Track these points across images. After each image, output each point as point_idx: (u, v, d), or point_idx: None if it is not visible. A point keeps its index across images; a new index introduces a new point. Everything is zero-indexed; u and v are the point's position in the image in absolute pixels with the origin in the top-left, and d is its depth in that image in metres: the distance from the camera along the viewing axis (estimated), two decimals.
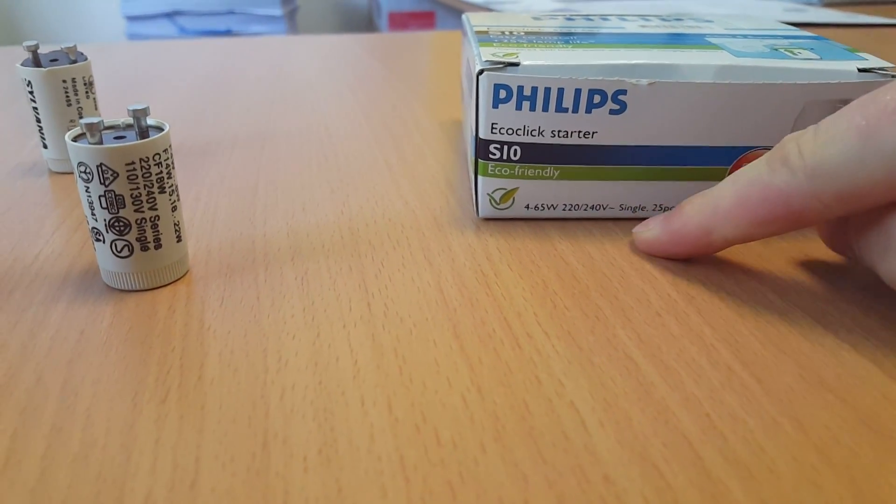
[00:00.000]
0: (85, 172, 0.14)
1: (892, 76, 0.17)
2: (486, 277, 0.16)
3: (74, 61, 0.21)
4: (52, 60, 0.21)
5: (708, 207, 0.16)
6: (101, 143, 0.14)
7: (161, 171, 0.15)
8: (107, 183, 0.14)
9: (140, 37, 1.24)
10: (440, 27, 1.31)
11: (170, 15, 1.24)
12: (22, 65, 0.21)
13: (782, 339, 0.14)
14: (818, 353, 0.13)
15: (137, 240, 0.15)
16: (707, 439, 0.11)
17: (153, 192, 0.14)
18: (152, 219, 0.15)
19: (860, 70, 0.17)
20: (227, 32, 1.24)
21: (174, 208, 0.15)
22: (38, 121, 0.22)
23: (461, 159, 0.24)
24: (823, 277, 0.16)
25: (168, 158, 0.15)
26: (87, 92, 0.22)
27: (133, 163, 0.14)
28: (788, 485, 0.10)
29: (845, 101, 0.17)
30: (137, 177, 0.14)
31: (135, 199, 0.14)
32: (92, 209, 0.14)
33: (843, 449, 0.11)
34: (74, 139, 0.14)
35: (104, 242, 0.15)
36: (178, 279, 0.16)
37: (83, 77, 0.22)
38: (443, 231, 0.19)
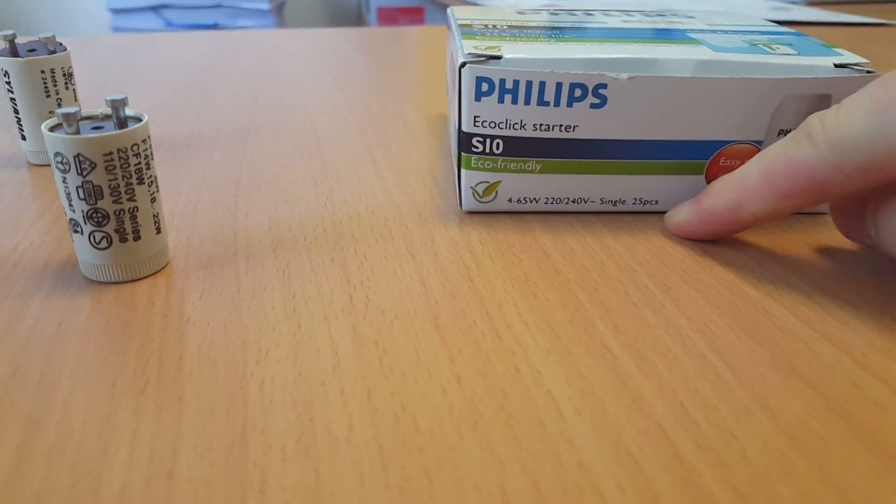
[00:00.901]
0: (62, 163, 0.14)
1: (867, 71, 0.18)
2: (468, 270, 0.16)
3: (53, 52, 0.21)
4: (30, 51, 0.21)
5: (735, 184, 0.16)
6: (78, 133, 0.14)
7: (140, 162, 0.14)
8: (84, 174, 0.14)
9: (125, 30, 1.22)
10: (430, 23, 1.31)
11: (155, 8, 1.23)
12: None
13: (756, 330, 0.14)
14: (791, 343, 0.14)
15: (116, 231, 0.15)
16: (680, 426, 0.11)
17: (132, 184, 0.14)
18: (131, 210, 0.15)
19: (836, 65, 0.18)
20: (214, 26, 1.23)
21: (153, 200, 0.15)
22: (16, 112, 0.22)
23: (446, 153, 0.24)
24: (798, 271, 0.16)
25: (147, 149, 0.15)
26: (66, 83, 0.22)
27: (111, 153, 0.14)
28: (759, 470, 0.10)
29: (822, 96, 0.17)
30: (116, 167, 0.14)
31: (113, 190, 0.14)
32: (70, 200, 0.14)
33: (813, 435, 0.11)
34: (51, 129, 0.14)
35: (82, 234, 0.15)
36: (158, 271, 0.16)
37: (62, 68, 0.21)
38: (426, 224, 0.19)
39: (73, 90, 0.22)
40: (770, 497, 0.10)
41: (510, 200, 0.19)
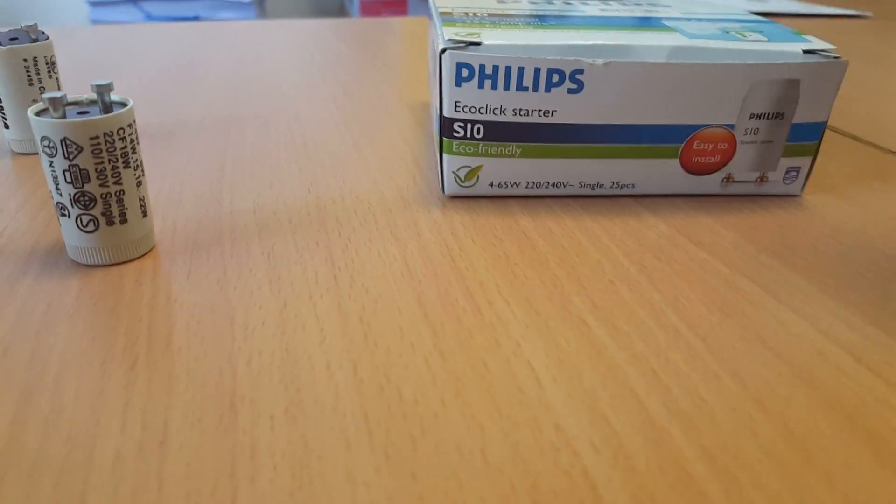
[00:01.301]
0: (49, 147, 0.14)
1: (835, 57, 0.18)
2: (451, 251, 0.17)
3: (35, 40, 0.21)
4: (11, 39, 0.21)
5: None
6: (64, 118, 0.14)
7: (125, 146, 0.15)
8: (71, 157, 0.14)
9: (104, 23, 1.21)
10: (413, 13, 1.31)
11: (135, 0, 1.21)
12: None
13: (727, 303, 0.15)
14: (760, 315, 0.14)
15: (103, 214, 0.15)
16: (652, 392, 0.12)
17: (118, 167, 0.15)
18: (117, 193, 0.15)
19: (805, 52, 0.18)
20: (195, 18, 1.22)
21: (139, 183, 0.15)
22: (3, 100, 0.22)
23: (429, 140, 0.24)
24: (769, 250, 0.17)
25: (132, 134, 0.15)
26: (49, 72, 0.22)
27: (97, 137, 0.14)
28: (727, 431, 0.11)
29: (791, 81, 0.18)
30: (102, 151, 0.14)
31: (100, 173, 0.14)
32: (56, 184, 0.14)
33: (778, 399, 0.12)
34: (37, 114, 0.14)
35: (69, 217, 0.15)
36: (145, 254, 0.16)
37: (45, 56, 0.21)
38: (409, 208, 0.19)
39: (56, 79, 0.22)
40: (737, 455, 0.11)
41: (491, 185, 0.19)
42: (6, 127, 0.22)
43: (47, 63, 0.21)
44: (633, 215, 0.19)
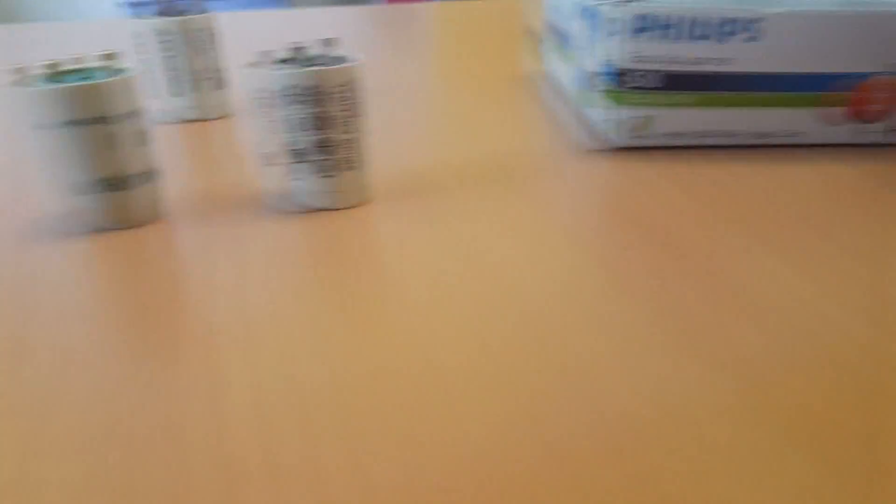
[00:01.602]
0: (294, 95, 0.15)
1: None
2: (625, 200, 0.17)
3: (201, 12, 0.22)
4: (179, 13, 0.22)
5: None
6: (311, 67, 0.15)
7: (358, 97, 0.15)
8: (319, 104, 0.15)
9: None
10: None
11: None
12: (150, 16, 0.22)
13: None
14: None
15: (343, 159, 0.16)
16: None
17: (355, 115, 0.15)
18: (354, 140, 0.16)
19: None
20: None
21: (365, 132, 0.16)
22: (171, 71, 0.22)
23: (540, 106, 0.25)
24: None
25: (361, 86, 0.15)
26: (214, 41, 0.22)
27: (344, 85, 0.15)
28: None
29: None
30: (345, 99, 0.15)
31: (342, 120, 0.15)
32: (296, 132, 0.15)
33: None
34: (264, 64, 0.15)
35: (308, 163, 0.16)
36: (365, 202, 0.17)
37: (210, 27, 0.22)
38: (565, 163, 0.20)
39: (218, 47, 0.23)
40: None
41: (664, 135, 0.20)
42: (174, 96, 0.23)
43: (212, 33, 0.22)
44: (805, 162, 0.19)
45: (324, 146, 0.15)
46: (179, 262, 0.14)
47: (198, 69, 0.22)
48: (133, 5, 1.16)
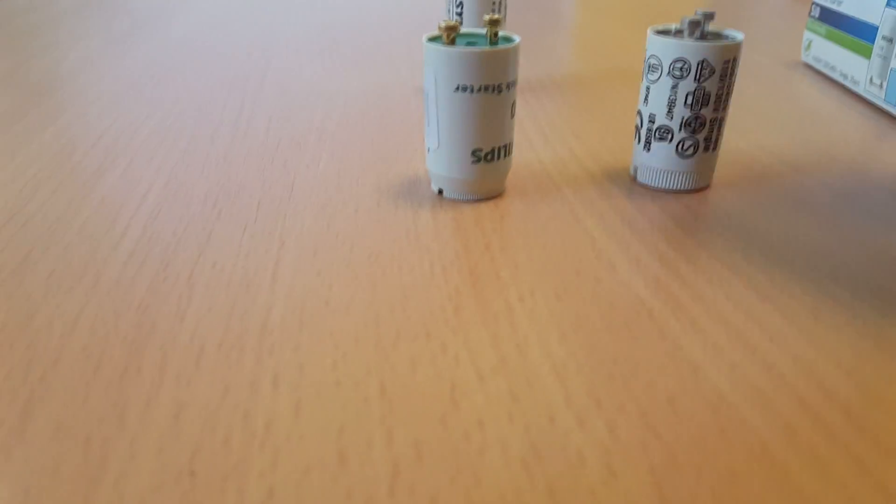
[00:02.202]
0: (680, 69, 0.15)
1: None
2: None
3: None
4: None
5: None
6: (702, 40, 0.14)
7: (735, 75, 0.15)
8: (701, 80, 0.14)
9: None
10: None
11: None
12: None
13: None
14: None
15: (705, 140, 0.15)
16: None
17: (729, 94, 0.15)
18: (720, 120, 0.15)
19: None
20: None
21: (727, 114, 0.15)
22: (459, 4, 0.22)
23: (822, 95, 0.23)
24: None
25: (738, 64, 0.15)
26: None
27: (728, 62, 0.14)
28: None
29: None
30: (726, 76, 0.15)
31: (717, 98, 0.15)
32: (671, 107, 0.15)
33: None
34: (658, 33, 0.15)
35: (669, 142, 0.15)
36: (709, 185, 0.16)
37: None
38: None
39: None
40: None
41: None
42: None
43: None
44: None
45: (693, 124, 0.15)
46: (560, 229, 0.15)
47: None
48: None
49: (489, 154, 0.15)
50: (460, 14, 0.23)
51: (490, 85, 0.14)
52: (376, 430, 0.09)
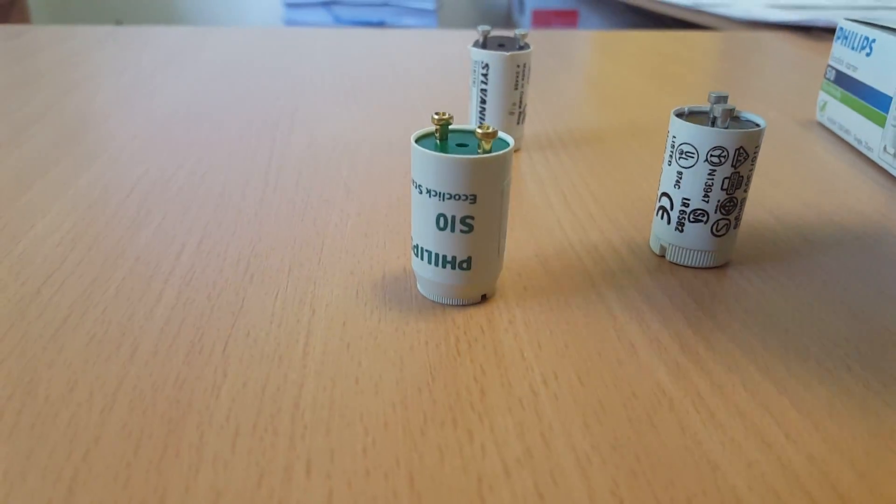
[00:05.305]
0: (718, 157, 0.15)
1: None
2: None
3: (522, 47, 0.23)
4: (499, 45, 0.23)
5: None
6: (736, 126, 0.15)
7: (756, 157, 0.15)
8: (737, 165, 0.15)
9: (296, 24, 1.30)
10: (582, 26, 1.30)
11: (326, 4, 1.29)
12: (474, 47, 0.23)
13: None
14: None
15: (735, 218, 0.16)
16: None
17: (751, 176, 0.15)
18: (744, 200, 0.16)
19: None
20: (381, 24, 1.28)
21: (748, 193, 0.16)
22: (482, 102, 0.23)
23: (835, 158, 0.24)
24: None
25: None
26: (527, 78, 0.23)
27: (757, 146, 0.15)
28: None
29: None
30: (756, 158, 0.15)
31: (747, 180, 0.15)
32: (707, 192, 0.15)
33: None
34: (681, 115, 0.15)
35: (705, 223, 0.16)
36: (728, 262, 0.17)
37: (526, 64, 0.23)
38: None
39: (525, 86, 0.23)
40: None
41: None
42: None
43: (527, 69, 0.23)
44: None
45: (728, 206, 0.15)
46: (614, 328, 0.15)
47: (505, 104, 0.23)
48: (290, 6, 1.24)
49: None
50: (484, 90, 0.23)
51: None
52: None
